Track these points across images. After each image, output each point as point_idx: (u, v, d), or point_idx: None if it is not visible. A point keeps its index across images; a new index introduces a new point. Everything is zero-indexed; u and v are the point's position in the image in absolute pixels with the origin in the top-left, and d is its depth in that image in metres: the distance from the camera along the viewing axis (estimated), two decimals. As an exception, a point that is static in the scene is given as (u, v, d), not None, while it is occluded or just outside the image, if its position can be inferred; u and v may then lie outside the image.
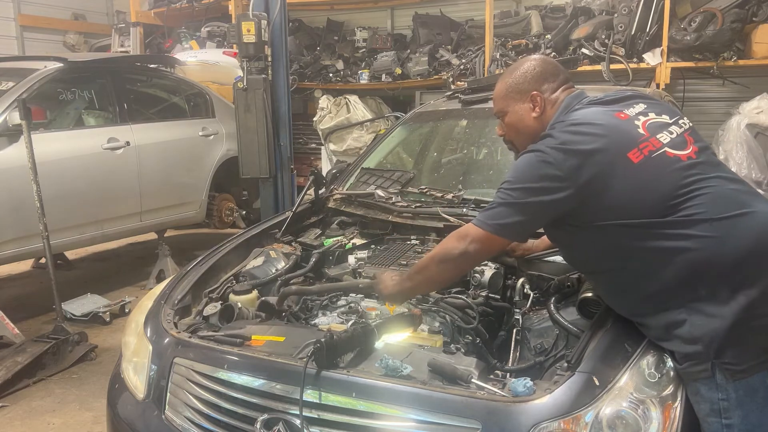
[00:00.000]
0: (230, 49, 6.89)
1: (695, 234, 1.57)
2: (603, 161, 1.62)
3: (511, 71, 1.95)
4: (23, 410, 3.38)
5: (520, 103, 1.88)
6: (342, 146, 6.55)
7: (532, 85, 1.87)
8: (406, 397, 1.61)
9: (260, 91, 4.78)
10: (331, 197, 3.09)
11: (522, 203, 1.66)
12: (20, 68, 4.63)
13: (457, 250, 1.73)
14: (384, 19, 7.65)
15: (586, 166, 1.61)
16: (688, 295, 1.58)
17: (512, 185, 1.69)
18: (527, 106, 1.87)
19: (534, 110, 1.85)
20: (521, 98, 1.88)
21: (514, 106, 1.90)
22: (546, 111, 1.85)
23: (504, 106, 1.93)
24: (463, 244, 1.72)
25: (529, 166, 1.68)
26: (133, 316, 2.38)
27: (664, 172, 1.63)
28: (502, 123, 1.96)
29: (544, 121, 1.84)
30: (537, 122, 1.85)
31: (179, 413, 1.89)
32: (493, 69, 5.82)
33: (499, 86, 1.96)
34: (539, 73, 1.87)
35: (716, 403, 1.56)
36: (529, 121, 1.87)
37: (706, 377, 1.57)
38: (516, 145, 1.94)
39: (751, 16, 5.16)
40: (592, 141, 1.64)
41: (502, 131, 1.98)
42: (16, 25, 8.36)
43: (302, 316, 2.20)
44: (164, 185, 5.24)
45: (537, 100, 1.85)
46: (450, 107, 3.59)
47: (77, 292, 4.73)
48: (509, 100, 1.91)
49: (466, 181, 3.12)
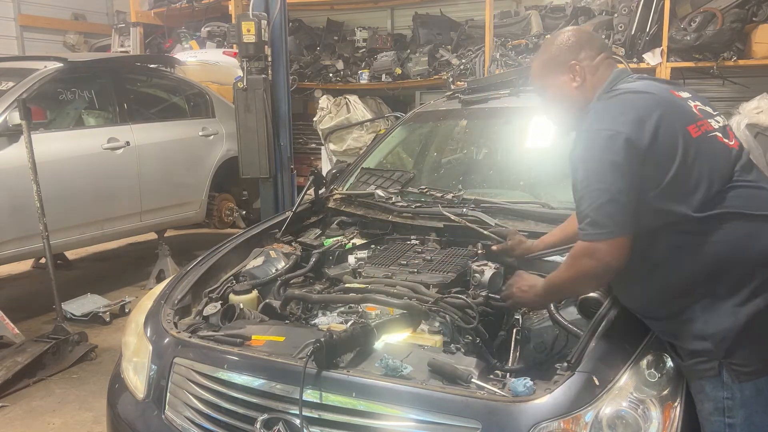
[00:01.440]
0: (230, 49, 6.88)
1: (729, 228, 1.56)
2: (666, 125, 1.59)
3: (546, 47, 1.90)
4: (23, 410, 3.38)
5: (559, 76, 1.82)
6: (342, 146, 6.55)
7: (569, 55, 1.81)
8: (406, 397, 1.61)
9: (260, 91, 4.78)
10: (331, 197, 3.09)
11: (619, 189, 1.56)
12: (20, 68, 4.63)
13: (587, 268, 1.63)
14: (384, 19, 7.65)
15: (650, 129, 1.57)
16: (705, 292, 1.57)
17: (600, 175, 1.59)
18: (567, 78, 1.81)
19: (574, 80, 1.80)
20: (560, 70, 1.82)
21: (553, 80, 1.84)
22: (587, 79, 1.79)
23: (543, 82, 1.88)
24: (591, 262, 1.61)
25: (603, 147, 1.60)
26: (133, 316, 2.38)
27: (718, 154, 1.63)
28: (543, 100, 1.92)
29: (586, 89, 1.79)
30: (579, 92, 1.80)
31: (179, 413, 1.89)
32: (493, 69, 5.82)
33: (536, 64, 1.91)
34: (575, 42, 1.82)
35: (720, 402, 1.55)
36: (570, 92, 1.82)
37: (712, 376, 1.56)
38: (562, 120, 1.90)
39: (751, 16, 5.15)
40: (654, 107, 1.61)
41: (545, 107, 1.94)
42: (16, 25, 8.35)
43: (302, 316, 2.20)
44: (164, 185, 5.24)
45: (576, 69, 1.80)
46: (450, 107, 3.59)
47: (77, 292, 4.73)
48: (548, 75, 1.86)
49: (466, 181, 3.12)
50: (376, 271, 2.38)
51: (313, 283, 2.47)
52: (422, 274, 2.29)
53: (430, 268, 2.34)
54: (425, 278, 2.24)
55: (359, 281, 2.29)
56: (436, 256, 2.45)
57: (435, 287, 2.17)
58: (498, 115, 3.33)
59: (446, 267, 2.34)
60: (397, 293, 2.08)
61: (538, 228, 2.44)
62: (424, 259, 2.42)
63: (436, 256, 2.45)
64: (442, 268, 2.34)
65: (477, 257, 2.42)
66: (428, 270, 2.33)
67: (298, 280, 2.48)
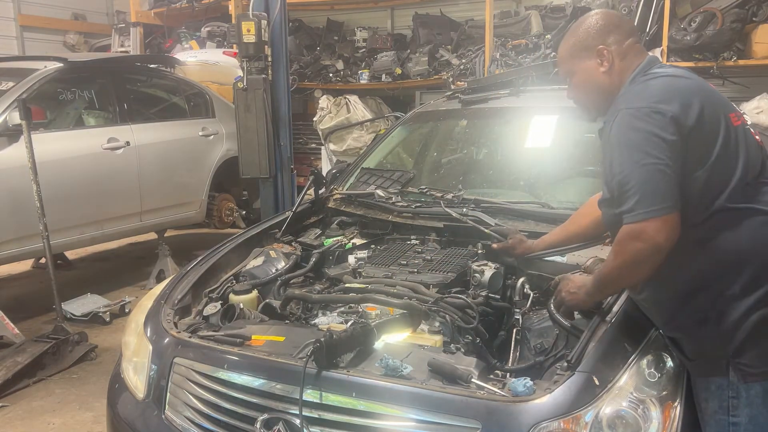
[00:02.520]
0: (230, 49, 6.89)
1: (751, 224, 1.55)
2: (710, 108, 1.56)
3: (573, 30, 1.84)
4: (23, 410, 3.38)
5: (587, 61, 1.78)
6: (342, 146, 6.55)
7: (596, 39, 1.76)
8: (406, 397, 1.61)
9: (260, 91, 4.78)
10: (331, 197, 3.09)
11: (667, 164, 1.51)
12: (20, 68, 4.63)
13: (638, 251, 1.55)
14: (384, 19, 7.65)
15: (696, 109, 1.54)
16: (721, 289, 1.55)
17: (646, 152, 1.52)
18: (595, 63, 1.76)
19: (602, 65, 1.75)
20: (587, 55, 1.77)
21: (580, 65, 1.79)
22: (615, 64, 1.74)
23: (570, 67, 1.83)
24: (642, 245, 1.54)
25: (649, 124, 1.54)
26: (133, 316, 2.38)
27: (751, 146, 1.62)
28: (570, 85, 1.87)
29: (614, 74, 1.75)
30: (607, 77, 1.76)
31: (179, 413, 1.89)
32: (493, 69, 5.82)
33: (562, 47, 1.86)
34: (603, 26, 1.77)
35: (726, 401, 1.55)
36: (598, 77, 1.77)
37: (719, 374, 1.55)
38: (589, 106, 1.86)
39: (751, 16, 5.15)
40: (698, 89, 1.59)
41: (572, 92, 1.89)
42: (16, 25, 8.35)
43: (302, 316, 2.20)
44: (164, 185, 5.24)
45: (604, 53, 1.75)
46: (450, 107, 3.59)
47: (77, 292, 4.73)
48: (575, 59, 1.81)
49: (466, 181, 3.12)
50: (376, 271, 2.37)
51: (313, 283, 2.47)
52: (422, 274, 2.29)
53: (430, 268, 2.34)
54: (425, 278, 2.24)
55: (359, 281, 2.29)
56: (436, 256, 2.45)
57: (435, 287, 2.17)
58: (498, 115, 3.33)
59: (446, 267, 2.34)
60: (397, 293, 2.08)
61: (538, 228, 2.44)
62: (424, 259, 2.42)
63: (436, 256, 2.45)
64: (442, 268, 2.33)
65: (477, 257, 2.42)
66: (428, 270, 2.33)
67: (298, 280, 2.47)
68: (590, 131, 3.11)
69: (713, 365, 1.56)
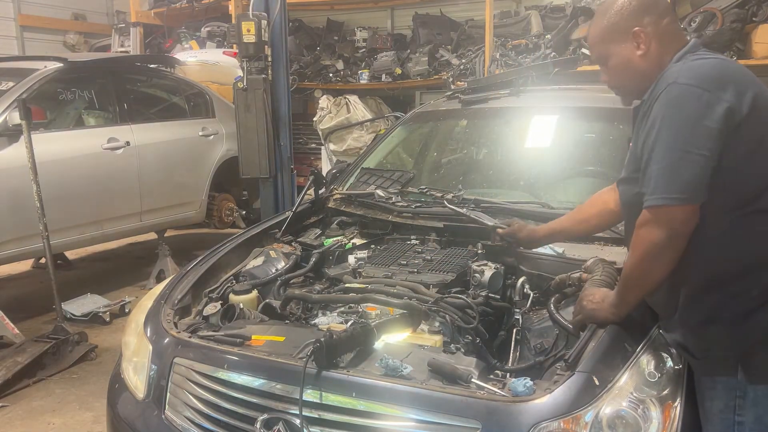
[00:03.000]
0: (230, 49, 6.88)
1: None
2: (763, 98, 1.50)
3: (604, 11, 1.72)
4: (23, 410, 3.38)
5: (621, 44, 1.67)
6: (342, 146, 6.55)
7: (631, 21, 1.65)
8: (406, 397, 1.61)
9: (260, 91, 4.78)
10: (331, 197, 3.09)
11: (706, 155, 1.44)
12: (20, 68, 4.63)
13: (656, 240, 1.50)
14: (384, 19, 7.65)
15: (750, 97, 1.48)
16: (737, 291, 1.51)
17: (689, 137, 1.45)
18: (630, 46, 1.66)
19: (639, 48, 1.65)
20: (622, 38, 1.67)
21: (615, 49, 1.69)
22: (652, 46, 1.64)
23: (603, 51, 1.72)
24: (659, 232, 1.49)
25: (698, 109, 1.46)
26: (133, 316, 2.38)
27: None
28: (605, 69, 1.76)
29: (652, 57, 1.65)
30: (645, 60, 1.65)
31: (179, 413, 1.89)
32: (493, 69, 5.82)
33: (593, 30, 1.75)
34: (637, 5, 1.66)
35: (732, 400, 1.53)
36: (635, 61, 1.66)
37: (726, 374, 1.54)
38: (625, 90, 1.76)
39: (751, 16, 5.15)
40: (750, 77, 1.53)
41: (607, 77, 1.78)
42: (16, 25, 8.36)
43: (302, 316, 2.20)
44: (164, 185, 5.24)
45: (641, 36, 1.64)
46: (450, 107, 3.59)
47: (77, 292, 4.73)
48: (608, 43, 1.70)
49: (466, 181, 3.12)
50: (376, 271, 2.37)
51: (313, 283, 2.47)
52: (422, 274, 2.29)
53: (430, 268, 2.34)
54: (425, 278, 2.24)
55: (359, 281, 2.29)
56: (436, 256, 2.45)
57: (435, 287, 2.17)
58: (498, 115, 3.33)
59: (446, 267, 2.34)
60: (397, 293, 2.08)
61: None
62: (424, 259, 2.42)
63: (436, 256, 2.45)
64: (442, 268, 2.33)
65: (477, 257, 2.42)
66: (428, 270, 2.33)
67: (298, 280, 2.47)
68: (590, 131, 3.13)
69: (721, 365, 1.54)
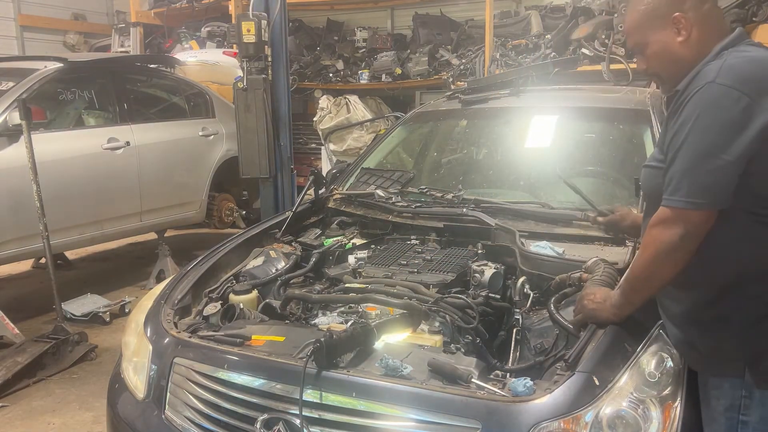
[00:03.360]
0: (230, 49, 6.88)
1: None
2: None
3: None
4: (23, 410, 3.38)
5: (661, 31, 1.60)
6: (342, 146, 6.55)
7: (671, 6, 1.58)
8: (406, 397, 1.61)
9: (260, 91, 4.78)
10: (331, 197, 3.09)
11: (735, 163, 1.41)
12: (20, 68, 4.63)
13: (667, 241, 1.49)
14: (384, 19, 7.65)
15: None
16: (753, 293, 1.50)
17: (720, 141, 1.41)
18: (670, 32, 1.59)
19: (680, 34, 1.58)
20: (661, 24, 1.60)
21: (654, 36, 1.61)
22: (693, 33, 1.57)
23: (641, 38, 1.65)
24: (670, 234, 1.48)
25: (736, 114, 1.41)
26: (133, 316, 2.38)
27: None
28: (642, 56, 1.69)
29: (692, 45, 1.58)
30: (685, 47, 1.58)
31: (179, 413, 1.89)
32: (493, 69, 5.82)
33: (630, 17, 1.68)
34: None
35: (738, 400, 1.53)
36: (675, 48, 1.59)
37: (733, 374, 1.53)
38: (664, 78, 1.68)
39: (751, 16, 5.14)
40: None
41: (645, 64, 1.69)
42: (16, 25, 8.36)
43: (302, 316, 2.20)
44: (164, 185, 5.24)
45: (681, 22, 1.57)
46: (450, 107, 3.59)
47: (77, 292, 4.73)
48: (647, 30, 1.63)
49: (466, 181, 3.12)
50: (376, 271, 2.38)
51: (313, 283, 2.47)
52: (422, 274, 2.29)
53: (430, 268, 2.34)
54: (425, 278, 2.24)
55: (359, 281, 2.30)
56: (436, 256, 2.45)
57: (435, 287, 2.17)
58: (498, 115, 3.33)
59: (446, 267, 2.34)
60: (397, 293, 2.08)
61: (538, 228, 2.44)
62: (424, 259, 2.42)
63: (436, 256, 2.45)
64: (442, 268, 2.33)
65: (477, 257, 2.42)
66: (428, 270, 2.33)
67: (298, 280, 2.48)
68: (590, 131, 3.13)
69: (729, 365, 1.54)
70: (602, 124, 3.10)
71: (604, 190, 2.76)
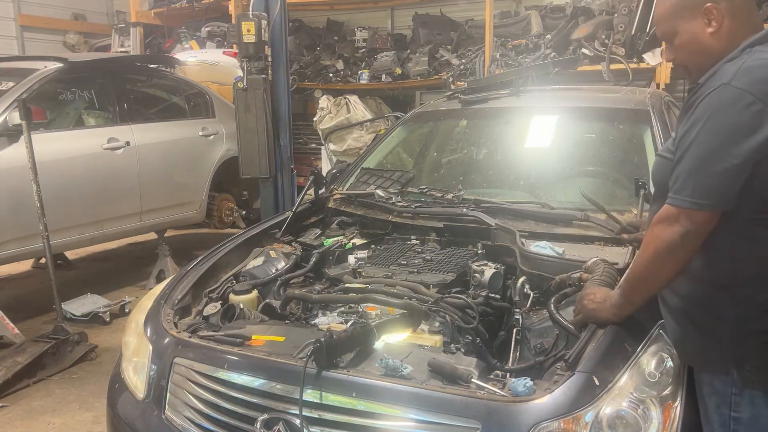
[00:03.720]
0: (230, 49, 6.88)
1: None
2: None
3: None
4: (23, 410, 3.38)
5: (691, 21, 1.57)
6: (342, 146, 6.55)
7: None
8: (406, 397, 1.61)
9: (260, 91, 4.78)
10: (331, 197, 3.09)
11: (740, 166, 1.41)
12: (20, 68, 4.63)
13: (668, 239, 1.50)
14: (384, 19, 7.65)
15: None
16: (747, 295, 1.50)
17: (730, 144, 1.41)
18: (701, 23, 1.56)
19: (710, 25, 1.55)
20: (692, 14, 1.57)
21: (684, 26, 1.59)
22: (725, 24, 1.54)
23: (671, 27, 1.62)
24: (672, 231, 1.49)
25: (749, 119, 1.40)
26: (133, 316, 2.38)
27: None
28: (671, 46, 1.66)
29: (723, 36, 1.55)
30: (715, 39, 1.55)
31: (179, 413, 1.89)
32: (493, 69, 5.82)
33: (661, 5, 1.66)
34: None
35: (729, 397, 1.53)
36: (705, 39, 1.56)
37: (723, 372, 1.54)
38: (691, 69, 1.65)
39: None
40: None
41: (672, 54, 1.68)
42: (16, 25, 8.36)
43: (302, 316, 2.20)
44: (164, 185, 5.24)
45: (713, 13, 1.54)
46: (450, 107, 3.59)
47: (77, 292, 4.73)
48: (677, 19, 1.60)
49: (466, 181, 3.12)
50: (376, 271, 2.38)
51: (313, 283, 2.47)
52: (422, 274, 2.29)
53: (430, 268, 2.34)
54: (425, 278, 2.24)
55: (359, 281, 2.30)
56: (436, 256, 2.45)
57: (435, 287, 2.17)
58: (498, 115, 3.33)
59: (446, 267, 2.34)
60: (397, 293, 2.08)
61: (538, 228, 2.44)
62: (424, 259, 2.42)
63: (436, 256, 2.45)
64: (442, 268, 2.34)
65: (477, 257, 2.42)
66: (428, 270, 2.33)
67: (298, 280, 2.48)
68: (590, 131, 3.13)
69: (718, 363, 1.55)
70: (602, 124, 3.10)
71: (604, 190, 2.76)
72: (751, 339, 1.51)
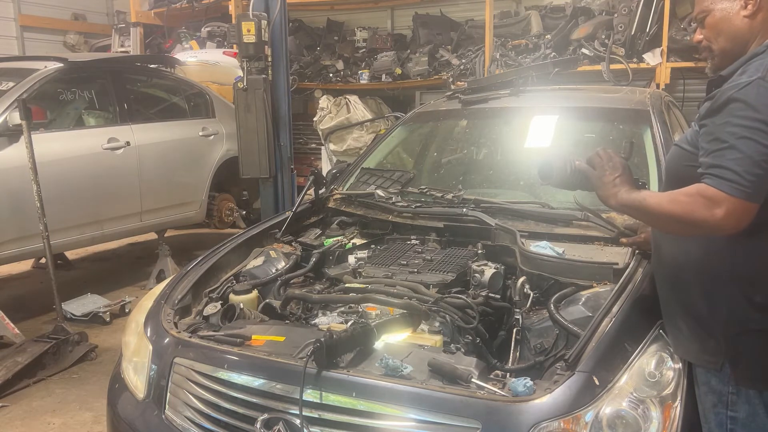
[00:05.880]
0: (230, 49, 6.89)
1: None
2: None
3: None
4: (23, 410, 3.38)
5: (728, 1, 1.59)
6: (342, 146, 6.55)
7: None
8: (406, 397, 1.61)
9: (260, 91, 4.78)
10: (331, 197, 3.09)
11: None
12: (20, 68, 4.63)
13: (701, 217, 1.43)
14: (384, 19, 7.65)
15: None
16: (744, 293, 1.51)
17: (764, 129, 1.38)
18: (738, 4, 1.57)
19: (746, 8, 1.56)
20: None
21: (720, 4, 1.59)
22: (762, 8, 1.54)
23: (708, 4, 1.62)
24: (710, 213, 1.42)
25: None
26: (133, 316, 2.38)
27: None
28: (702, 26, 1.66)
29: (756, 22, 1.55)
30: (746, 24, 1.56)
31: (179, 413, 1.89)
32: (493, 69, 5.82)
33: None
34: None
35: (725, 396, 1.54)
36: (737, 21, 1.57)
37: (719, 370, 1.54)
38: (714, 51, 1.64)
39: (751, 16, 5.15)
40: None
41: (701, 35, 1.67)
42: (16, 25, 8.36)
43: (302, 316, 2.20)
44: (164, 185, 5.24)
45: None
46: (450, 107, 3.59)
47: (77, 292, 4.73)
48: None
49: (466, 181, 3.12)
50: (376, 271, 2.38)
51: (313, 283, 2.47)
52: (422, 274, 2.29)
53: (430, 268, 2.34)
54: (425, 278, 2.24)
55: (359, 281, 2.30)
56: (436, 256, 2.45)
57: (435, 287, 2.17)
58: (498, 115, 3.33)
59: (446, 267, 2.34)
60: (397, 293, 2.09)
61: (538, 228, 2.44)
62: (424, 259, 2.42)
63: (436, 256, 2.45)
64: (442, 268, 2.33)
65: (477, 257, 2.42)
66: (428, 270, 2.33)
67: (298, 280, 2.48)
68: (590, 131, 3.13)
69: (713, 361, 1.56)
70: (602, 124, 3.10)
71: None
72: (746, 337, 1.52)
